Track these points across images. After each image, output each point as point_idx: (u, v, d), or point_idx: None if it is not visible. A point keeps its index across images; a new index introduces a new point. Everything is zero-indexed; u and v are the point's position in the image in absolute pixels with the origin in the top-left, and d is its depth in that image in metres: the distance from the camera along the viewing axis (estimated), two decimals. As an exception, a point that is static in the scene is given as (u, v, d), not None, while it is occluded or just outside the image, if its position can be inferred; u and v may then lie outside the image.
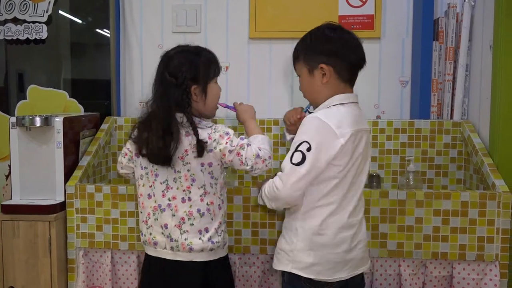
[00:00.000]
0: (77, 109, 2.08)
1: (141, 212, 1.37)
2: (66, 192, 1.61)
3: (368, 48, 2.02)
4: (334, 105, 1.24)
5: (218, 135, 1.30)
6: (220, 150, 1.29)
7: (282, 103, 2.05)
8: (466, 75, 1.88)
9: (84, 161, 1.73)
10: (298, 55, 1.32)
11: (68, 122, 1.68)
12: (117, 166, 1.48)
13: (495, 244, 1.47)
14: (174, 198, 1.31)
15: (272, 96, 2.07)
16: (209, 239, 1.31)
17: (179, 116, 1.29)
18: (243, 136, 1.34)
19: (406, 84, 2.04)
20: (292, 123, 1.41)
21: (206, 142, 1.28)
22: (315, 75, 1.26)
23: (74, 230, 1.60)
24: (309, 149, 1.17)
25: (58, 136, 1.64)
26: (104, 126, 1.92)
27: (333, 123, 1.18)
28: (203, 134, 1.29)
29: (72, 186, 1.60)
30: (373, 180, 1.77)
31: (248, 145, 1.31)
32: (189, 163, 1.29)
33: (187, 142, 1.28)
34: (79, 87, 2.12)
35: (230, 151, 1.29)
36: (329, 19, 1.98)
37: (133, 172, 1.42)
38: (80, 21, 2.14)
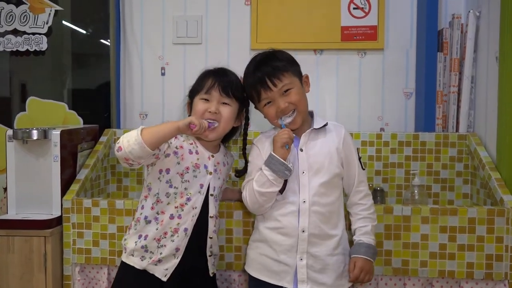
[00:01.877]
0: (76, 121, 2.06)
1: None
2: (63, 207, 1.57)
3: (372, 59, 2.03)
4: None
5: None
6: None
7: (284, 115, 2.02)
8: (472, 87, 1.84)
9: (81, 175, 1.70)
10: (286, 67, 1.32)
11: (66, 135, 1.65)
12: None
13: (504, 262, 1.42)
14: None
15: (274, 108, 2.04)
16: None
17: None
18: None
19: (410, 96, 2.00)
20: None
21: None
22: (303, 85, 1.35)
23: (70, 245, 1.56)
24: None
25: (55, 149, 1.61)
26: (103, 139, 1.89)
27: None
28: None
29: (68, 200, 1.57)
30: (377, 195, 1.73)
31: None
32: None
33: None
34: (79, 98, 2.10)
35: None
36: (331, 30, 2.00)
37: None
38: (81, 32, 2.13)
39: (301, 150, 1.33)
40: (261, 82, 1.31)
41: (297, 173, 1.31)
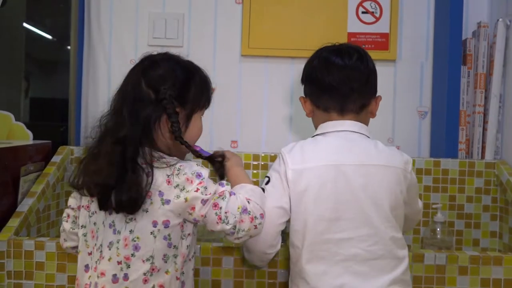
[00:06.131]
0: (24, 135, 1.67)
1: None
2: (-5, 250, 1.20)
3: (382, 71, 1.71)
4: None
5: (184, 178, 0.89)
6: (186, 200, 0.89)
7: (279, 134, 1.71)
8: (500, 107, 1.59)
9: (24, 206, 1.32)
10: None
11: (5, 154, 1.29)
12: (60, 241, 1.07)
13: (562, 326, 1.14)
14: (102, 274, 0.89)
15: (268, 126, 1.73)
16: None
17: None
18: (224, 182, 0.97)
19: (425, 115, 1.73)
20: None
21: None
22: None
23: (4, 301, 1.18)
24: None
25: (-11, 173, 1.24)
26: (56, 159, 1.51)
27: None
28: (159, 175, 0.90)
29: (3, 241, 1.19)
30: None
31: (232, 194, 0.95)
32: (135, 219, 0.89)
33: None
34: (29, 108, 1.72)
35: (203, 202, 0.90)
36: (336, 36, 1.69)
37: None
38: (35, 29, 1.76)
39: None
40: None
41: None
